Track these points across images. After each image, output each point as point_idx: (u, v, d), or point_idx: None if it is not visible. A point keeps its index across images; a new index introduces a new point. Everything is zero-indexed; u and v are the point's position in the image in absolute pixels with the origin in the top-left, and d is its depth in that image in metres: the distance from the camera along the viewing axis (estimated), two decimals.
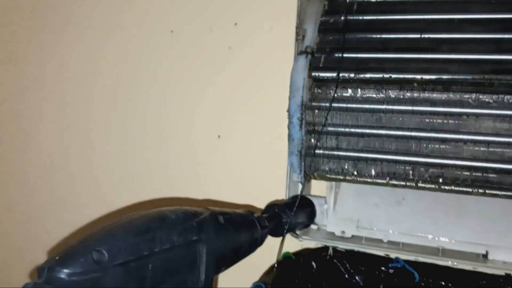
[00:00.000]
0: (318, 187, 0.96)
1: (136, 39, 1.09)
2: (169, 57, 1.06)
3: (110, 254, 0.46)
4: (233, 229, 0.64)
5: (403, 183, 0.78)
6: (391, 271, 0.92)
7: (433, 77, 0.75)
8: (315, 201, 0.92)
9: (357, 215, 0.91)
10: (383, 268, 0.91)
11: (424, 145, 0.75)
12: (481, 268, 0.86)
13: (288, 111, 0.79)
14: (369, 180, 0.78)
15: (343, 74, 0.78)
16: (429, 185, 0.77)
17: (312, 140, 0.79)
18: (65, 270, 0.43)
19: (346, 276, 0.94)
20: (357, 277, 0.94)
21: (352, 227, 0.90)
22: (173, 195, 1.03)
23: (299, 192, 0.88)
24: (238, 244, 0.65)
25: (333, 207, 0.92)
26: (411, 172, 0.77)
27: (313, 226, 0.94)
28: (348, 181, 0.80)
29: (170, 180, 1.06)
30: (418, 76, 0.75)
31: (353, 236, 0.91)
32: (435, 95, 0.75)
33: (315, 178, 0.83)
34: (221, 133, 1.03)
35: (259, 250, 0.74)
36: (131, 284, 0.48)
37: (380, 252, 0.90)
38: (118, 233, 0.49)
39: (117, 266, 0.47)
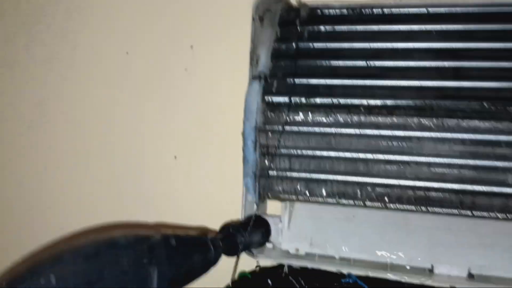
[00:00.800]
0: (273, 206, 0.98)
1: (91, 59, 1.09)
2: (124, 78, 1.07)
3: (58, 279, 0.47)
4: (185, 251, 0.65)
5: (352, 202, 0.81)
6: (344, 286, 0.95)
7: (379, 102, 0.80)
8: (270, 220, 0.94)
9: (310, 233, 0.94)
10: (336, 284, 0.94)
11: (371, 166, 0.80)
12: (428, 282, 0.90)
13: (243, 134, 0.81)
14: (320, 199, 0.82)
15: (295, 99, 0.82)
16: (376, 204, 0.81)
17: (266, 161, 0.81)
18: None
19: None
20: None
21: (306, 244, 0.93)
22: (127, 218, 1.02)
23: (254, 212, 0.90)
24: (191, 266, 0.66)
25: (287, 225, 0.95)
26: (359, 191, 0.81)
27: (268, 245, 0.96)
28: (301, 200, 0.83)
29: (124, 202, 1.06)
30: (365, 101, 0.80)
31: (306, 254, 0.93)
32: (380, 119, 0.79)
33: (269, 198, 0.85)
34: (178, 153, 1.04)
35: (215, 270, 0.75)
36: None
37: (333, 268, 0.93)
38: (66, 258, 0.49)
39: None
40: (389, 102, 0.80)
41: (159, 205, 1.05)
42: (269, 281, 0.98)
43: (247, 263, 0.98)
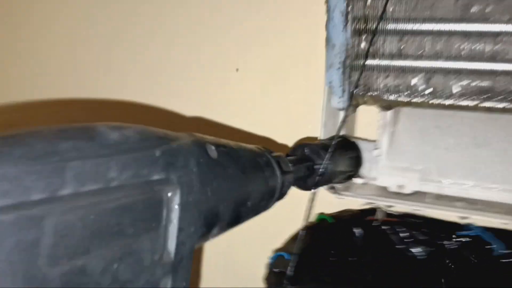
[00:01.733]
0: (365, 131, 0.70)
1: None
2: None
3: None
4: (235, 169, 0.39)
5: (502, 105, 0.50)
6: (461, 240, 0.66)
7: None
8: (361, 145, 0.66)
9: (420, 164, 0.65)
10: (448, 239, 0.65)
11: None
12: None
13: (327, 1, 0.52)
14: (447, 102, 0.52)
15: None
16: None
17: (362, 44, 0.52)
18: None
19: (399, 247, 0.68)
20: (413, 250, 0.68)
21: (414, 179, 0.64)
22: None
23: (340, 125, 0.62)
24: (243, 194, 0.40)
25: (386, 153, 0.66)
26: None
27: (357, 180, 0.69)
28: (416, 105, 0.54)
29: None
30: None
31: (414, 193, 0.65)
32: None
33: (364, 103, 0.57)
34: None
35: (281, 208, 0.50)
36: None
37: (453, 214, 0.64)
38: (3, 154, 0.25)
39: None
40: None
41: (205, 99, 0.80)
42: (356, 230, 0.71)
43: (325, 202, 0.71)
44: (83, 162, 0.27)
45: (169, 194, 0.33)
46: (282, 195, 0.49)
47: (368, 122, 0.69)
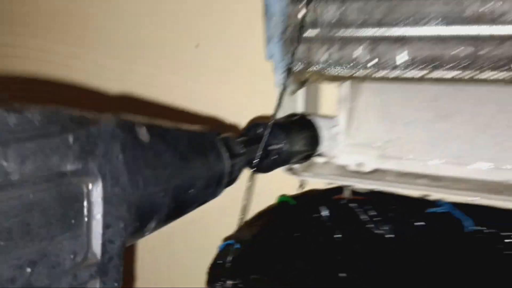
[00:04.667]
0: (331, 106, 0.67)
1: None
2: None
3: None
4: (172, 154, 0.35)
5: (455, 72, 0.47)
6: (431, 217, 0.64)
7: None
8: (320, 123, 0.63)
9: (381, 139, 0.62)
10: (418, 215, 0.63)
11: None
12: None
13: None
14: (395, 73, 0.48)
15: None
16: (498, 74, 0.47)
17: (302, 11, 0.47)
18: None
19: (368, 226, 0.66)
20: (383, 228, 0.66)
21: (374, 156, 0.62)
22: None
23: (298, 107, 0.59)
24: (183, 182, 0.36)
25: (345, 130, 0.63)
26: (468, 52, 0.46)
27: (318, 159, 0.65)
28: (361, 77, 0.50)
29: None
30: None
31: (375, 170, 0.62)
32: None
33: (307, 79, 0.53)
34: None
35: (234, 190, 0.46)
36: None
37: (416, 192, 0.62)
38: None
39: None
40: None
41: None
42: (321, 210, 0.68)
43: (285, 185, 0.68)
44: None
45: (89, 187, 0.28)
46: (232, 180, 0.45)
47: (329, 98, 0.66)
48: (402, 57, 0.46)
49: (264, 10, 0.48)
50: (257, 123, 0.54)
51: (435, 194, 0.61)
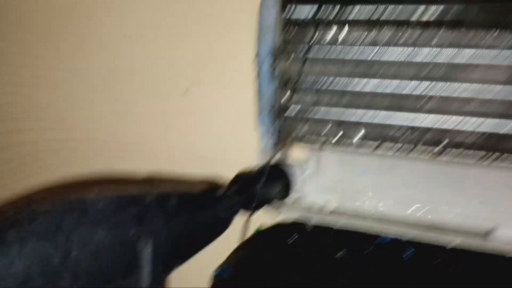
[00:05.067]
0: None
1: None
2: None
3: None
4: (190, 215, 0.49)
5: (395, 149, 0.64)
6: (378, 247, 0.79)
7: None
8: (293, 169, 0.78)
9: (342, 184, 0.78)
10: (369, 245, 0.79)
11: (424, 100, 0.61)
12: (484, 246, 0.73)
13: (256, 58, 0.62)
14: (354, 145, 0.64)
15: (326, 8, 0.61)
16: (426, 150, 0.63)
17: (286, 95, 0.63)
18: None
19: (328, 251, 0.81)
20: (339, 253, 0.81)
21: (336, 197, 0.77)
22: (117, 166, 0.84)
23: (272, 158, 0.74)
24: (197, 233, 0.50)
25: (314, 173, 0.78)
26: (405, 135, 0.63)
27: (292, 196, 0.80)
28: (329, 146, 0.66)
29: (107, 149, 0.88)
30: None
31: (336, 208, 0.78)
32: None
33: (289, 143, 0.68)
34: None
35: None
36: None
37: (367, 227, 0.77)
38: (11, 237, 0.33)
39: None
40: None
41: (152, 153, 0.87)
42: (291, 236, 0.82)
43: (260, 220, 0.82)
44: (80, 230, 0.36)
45: (143, 245, 0.41)
46: (228, 224, 0.59)
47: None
48: (359, 133, 0.62)
49: (256, 90, 0.63)
50: (241, 174, 0.68)
51: (382, 230, 0.76)
